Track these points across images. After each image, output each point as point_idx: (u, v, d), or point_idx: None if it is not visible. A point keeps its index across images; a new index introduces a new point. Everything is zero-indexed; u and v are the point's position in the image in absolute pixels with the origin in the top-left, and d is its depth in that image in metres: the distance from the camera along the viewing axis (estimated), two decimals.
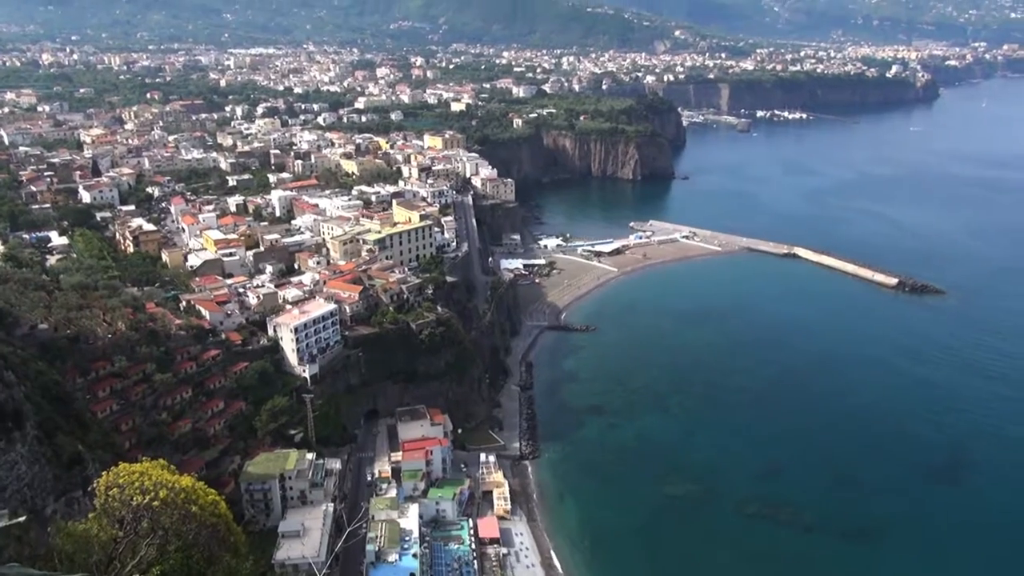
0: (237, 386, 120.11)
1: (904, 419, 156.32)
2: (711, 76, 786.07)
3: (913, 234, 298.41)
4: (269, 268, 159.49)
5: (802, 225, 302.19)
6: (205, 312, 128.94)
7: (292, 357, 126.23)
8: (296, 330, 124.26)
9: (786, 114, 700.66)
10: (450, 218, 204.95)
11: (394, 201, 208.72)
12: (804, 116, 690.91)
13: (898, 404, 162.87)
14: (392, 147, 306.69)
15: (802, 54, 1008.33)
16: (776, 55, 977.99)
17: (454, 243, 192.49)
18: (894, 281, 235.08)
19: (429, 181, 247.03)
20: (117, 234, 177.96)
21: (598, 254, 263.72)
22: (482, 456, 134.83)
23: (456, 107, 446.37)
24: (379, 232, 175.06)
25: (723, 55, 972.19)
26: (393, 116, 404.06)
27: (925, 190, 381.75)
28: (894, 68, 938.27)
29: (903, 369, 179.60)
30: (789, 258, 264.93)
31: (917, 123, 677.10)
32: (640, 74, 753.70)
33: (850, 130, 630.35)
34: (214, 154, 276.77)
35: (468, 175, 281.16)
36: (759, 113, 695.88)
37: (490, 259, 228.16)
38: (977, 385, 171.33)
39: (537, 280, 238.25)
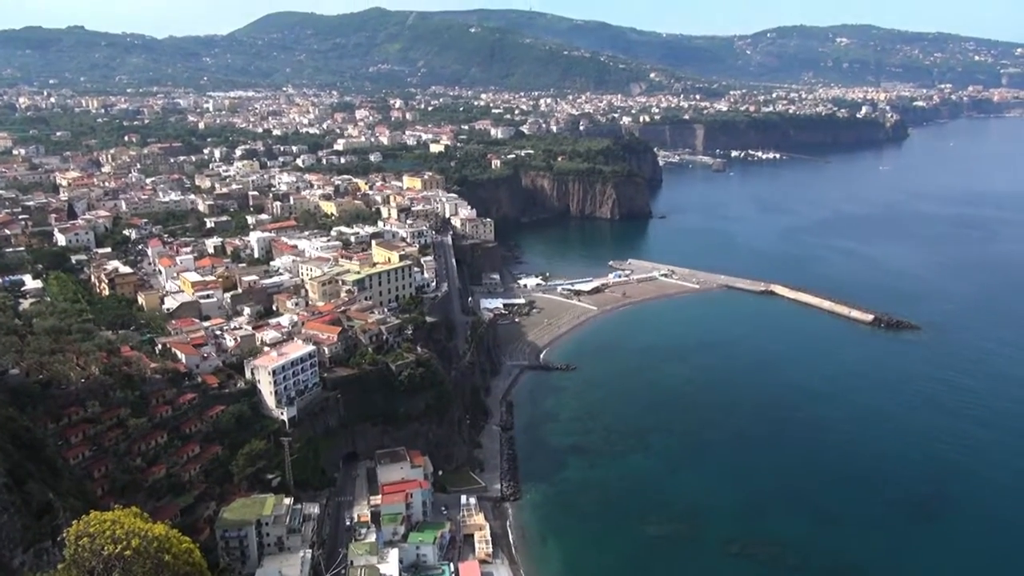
0: (213, 430, 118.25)
1: (882, 455, 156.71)
2: (686, 117, 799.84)
3: (887, 271, 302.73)
4: (247, 310, 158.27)
5: (778, 262, 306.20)
6: (181, 355, 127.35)
7: (270, 400, 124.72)
8: (274, 372, 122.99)
9: (760, 154, 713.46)
10: (430, 258, 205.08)
11: (373, 241, 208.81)
12: (778, 156, 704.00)
13: (876, 440, 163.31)
14: (371, 188, 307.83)
15: (774, 95, 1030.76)
16: (749, 96, 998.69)
17: (434, 283, 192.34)
18: (870, 317, 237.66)
19: (408, 221, 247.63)
20: (92, 277, 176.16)
21: (578, 293, 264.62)
22: (463, 498, 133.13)
23: (435, 148, 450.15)
24: (358, 273, 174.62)
25: (697, 96, 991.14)
26: (372, 157, 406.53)
27: (897, 227, 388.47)
28: (864, 109, 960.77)
29: (881, 405, 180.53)
30: (766, 295, 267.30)
31: (886, 162, 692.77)
32: (616, 115, 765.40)
33: (823, 169, 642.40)
34: (192, 196, 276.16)
35: (447, 215, 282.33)
36: (734, 153, 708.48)
37: (470, 299, 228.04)
38: (953, 421, 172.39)
39: (517, 319, 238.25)
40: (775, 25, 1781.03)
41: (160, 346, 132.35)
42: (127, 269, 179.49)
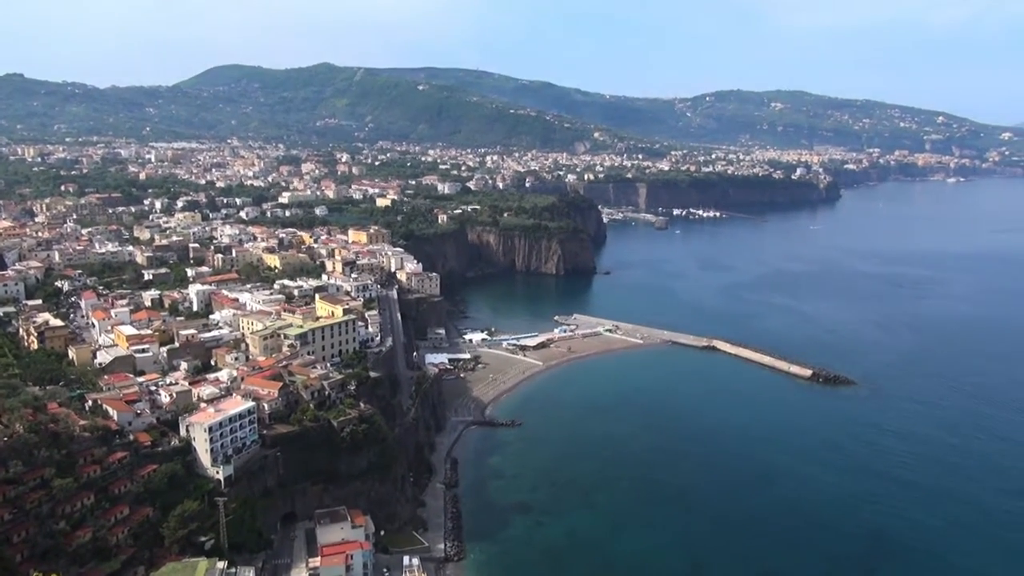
0: (144, 490, 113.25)
1: (823, 510, 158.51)
2: (629, 176, 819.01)
3: (822, 326, 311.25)
4: (184, 365, 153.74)
5: (720, 318, 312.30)
6: (113, 412, 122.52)
7: (205, 458, 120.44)
8: (210, 429, 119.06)
9: (701, 212, 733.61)
10: (374, 312, 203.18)
11: (317, 295, 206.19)
12: (718, 214, 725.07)
13: (817, 495, 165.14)
14: (316, 241, 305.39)
15: (714, 156, 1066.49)
16: (690, 157, 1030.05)
17: (378, 338, 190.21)
18: (808, 372, 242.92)
19: (353, 275, 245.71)
20: (21, 330, 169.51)
21: (523, 348, 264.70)
22: (405, 559, 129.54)
23: (381, 203, 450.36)
24: (301, 327, 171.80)
25: (640, 156, 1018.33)
26: (318, 211, 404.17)
27: (832, 285, 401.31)
28: (799, 171, 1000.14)
29: (820, 460, 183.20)
30: (708, 351, 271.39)
31: (817, 222, 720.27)
32: (562, 173, 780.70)
33: (760, 228, 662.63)
34: (130, 248, 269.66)
35: (393, 269, 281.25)
36: (676, 211, 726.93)
37: (415, 354, 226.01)
38: (891, 474, 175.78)
39: (462, 375, 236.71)
40: (713, 89, 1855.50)
41: (90, 402, 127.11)
42: (58, 322, 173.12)
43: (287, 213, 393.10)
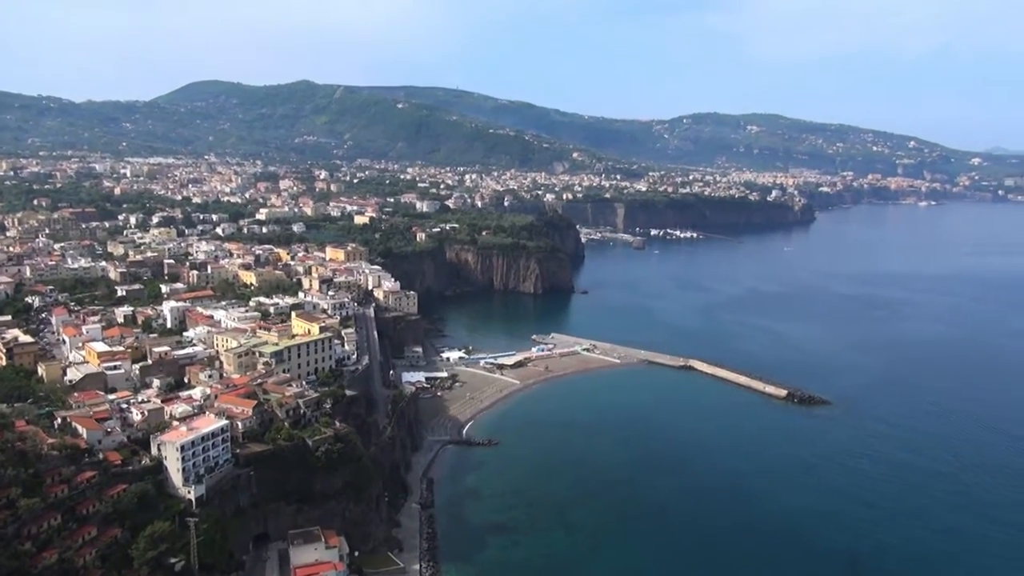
0: (113, 511, 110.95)
1: (799, 529, 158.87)
2: (607, 196, 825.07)
3: (798, 347, 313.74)
4: (156, 382, 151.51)
5: (696, 338, 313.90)
6: (82, 430, 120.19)
7: (176, 478, 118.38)
8: (182, 448, 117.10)
9: (678, 233, 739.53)
10: (351, 330, 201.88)
11: (293, 313, 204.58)
12: (695, 235, 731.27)
13: (793, 515, 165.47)
14: (293, 258, 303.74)
15: (691, 177, 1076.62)
16: (667, 178, 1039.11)
17: (354, 356, 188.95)
18: (784, 392, 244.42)
19: (330, 293, 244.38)
20: None
21: (500, 367, 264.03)
22: None
23: (359, 220, 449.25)
24: (276, 344, 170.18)
25: (618, 176, 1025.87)
26: (295, 228, 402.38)
27: (808, 306, 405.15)
28: (774, 193, 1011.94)
29: (796, 479, 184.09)
30: (685, 370, 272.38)
31: (791, 244, 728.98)
32: (540, 192, 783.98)
33: (737, 249, 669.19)
34: (103, 263, 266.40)
35: (370, 287, 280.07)
36: (653, 231, 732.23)
37: (391, 372, 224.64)
38: (863, 497, 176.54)
39: (439, 393, 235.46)
40: (691, 112, 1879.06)
41: (59, 420, 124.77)
42: (27, 338, 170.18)
43: (264, 230, 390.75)
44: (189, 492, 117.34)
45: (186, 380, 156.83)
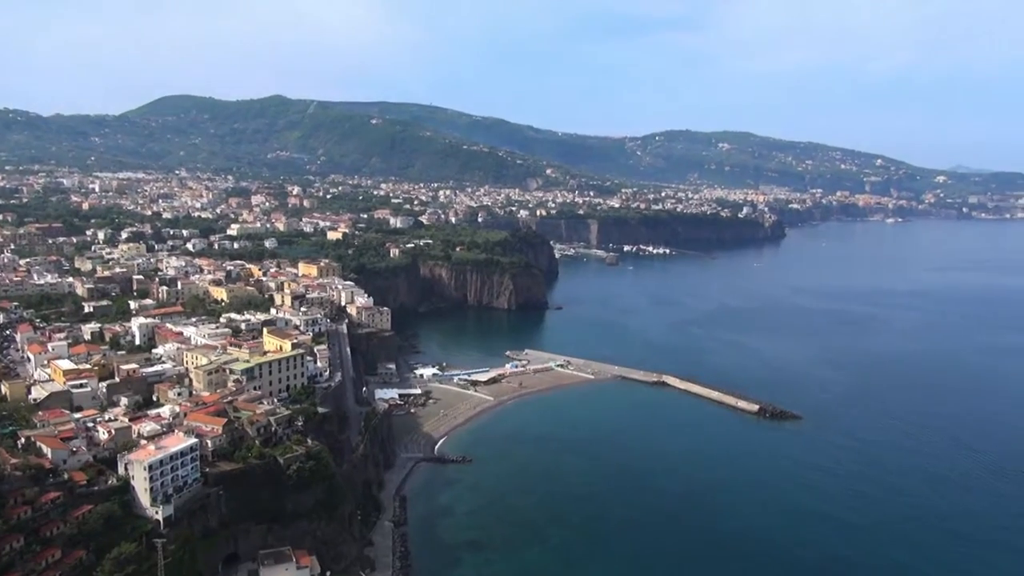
0: (78, 532, 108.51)
1: (773, 544, 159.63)
2: (581, 212, 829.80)
3: (769, 362, 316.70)
4: (124, 400, 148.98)
5: (669, 353, 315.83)
6: (47, 450, 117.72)
7: (144, 498, 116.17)
8: (150, 468, 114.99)
9: (651, 249, 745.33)
10: (323, 347, 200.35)
11: (265, 329, 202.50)
12: (667, 251, 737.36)
13: (763, 530, 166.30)
14: (265, 274, 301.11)
15: (663, 194, 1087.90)
16: (640, 194, 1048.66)
17: (327, 372, 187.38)
18: (756, 407, 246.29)
19: (302, 309, 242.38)
20: None
21: (474, 383, 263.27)
22: None
23: (332, 236, 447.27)
24: (247, 361, 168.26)
25: (591, 193, 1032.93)
26: (267, 244, 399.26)
27: (779, 321, 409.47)
28: (745, 209, 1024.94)
29: (767, 495, 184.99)
30: (659, 386, 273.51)
31: (762, 260, 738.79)
32: (514, 208, 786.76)
33: (709, 265, 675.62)
34: (70, 279, 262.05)
35: (343, 303, 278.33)
36: (626, 247, 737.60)
37: (364, 389, 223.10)
38: (837, 509, 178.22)
39: (412, 410, 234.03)
40: (663, 129, 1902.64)
41: (23, 440, 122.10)
42: None
43: (235, 245, 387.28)
44: (157, 512, 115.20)
45: (155, 398, 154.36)
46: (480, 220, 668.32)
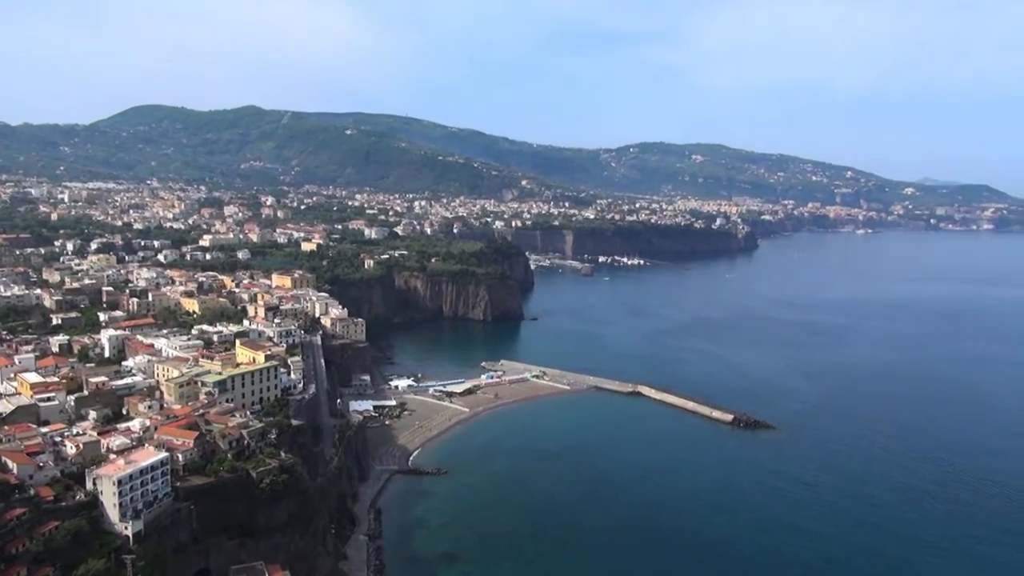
0: (45, 549, 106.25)
1: (751, 554, 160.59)
2: (556, 223, 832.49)
3: (743, 372, 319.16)
4: (93, 414, 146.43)
5: (644, 364, 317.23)
6: (12, 465, 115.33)
7: (113, 513, 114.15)
8: (119, 482, 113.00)
9: (625, 260, 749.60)
10: (297, 359, 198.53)
11: (237, 341, 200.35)
12: (642, 262, 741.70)
13: (741, 540, 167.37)
14: (238, 286, 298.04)
15: (637, 205, 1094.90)
16: (615, 206, 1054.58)
17: (301, 384, 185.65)
18: (730, 417, 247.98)
19: (276, 320, 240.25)
20: None
21: (450, 394, 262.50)
22: None
23: (307, 247, 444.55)
24: (220, 374, 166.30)
25: (566, 204, 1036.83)
26: (240, 255, 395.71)
27: (752, 331, 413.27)
28: (718, 221, 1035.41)
29: (744, 504, 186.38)
30: (634, 396, 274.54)
31: (735, 271, 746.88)
32: (489, 219, 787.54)
33: (683, 276, 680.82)
34: (38, 291, 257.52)
35: (317, 315, 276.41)
36: (601, 258, 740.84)
37: (339, 401, 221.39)
38: (807, 519, 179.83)
39: (387, 422, 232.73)
40: (638, 141, 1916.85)
41: None
42: None
43: (208, 256, 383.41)
44: (126, 528, 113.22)
45: (124, 411, 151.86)
46: (455, 231, 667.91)
